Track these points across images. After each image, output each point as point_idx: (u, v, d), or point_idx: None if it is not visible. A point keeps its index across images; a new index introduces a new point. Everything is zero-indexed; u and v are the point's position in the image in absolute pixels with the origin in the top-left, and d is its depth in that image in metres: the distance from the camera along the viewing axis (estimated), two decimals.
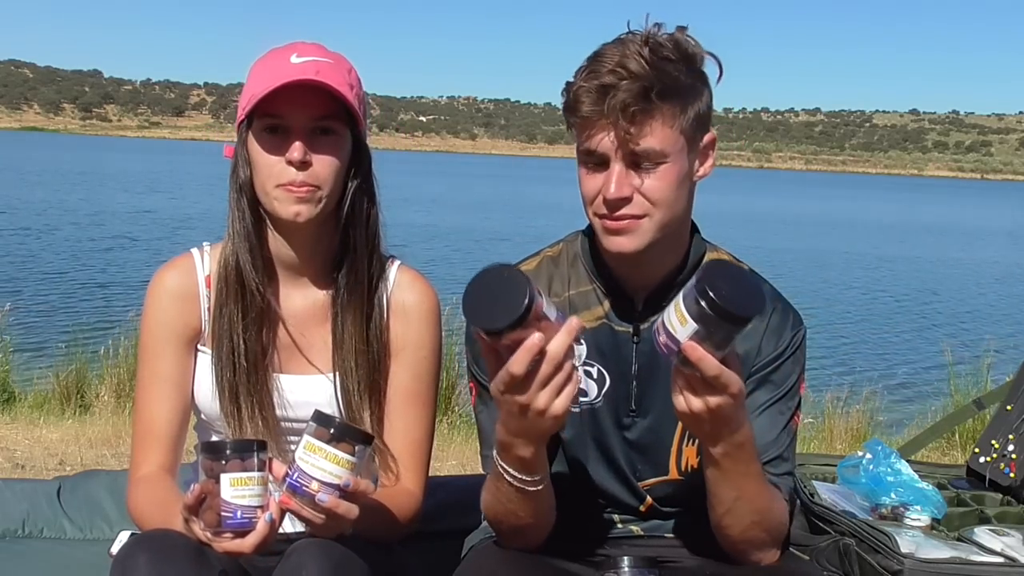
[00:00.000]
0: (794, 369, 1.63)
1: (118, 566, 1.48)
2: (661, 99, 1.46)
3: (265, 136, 1.66)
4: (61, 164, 49.98)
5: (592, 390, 1.65)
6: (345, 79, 1.67)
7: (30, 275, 13.63)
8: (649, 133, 1.48)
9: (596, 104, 1.47)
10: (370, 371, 1.74)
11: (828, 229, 32.41)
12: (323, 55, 1.68)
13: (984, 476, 2.57)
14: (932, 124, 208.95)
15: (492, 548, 1.65)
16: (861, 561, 2.04)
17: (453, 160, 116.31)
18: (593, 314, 1.65)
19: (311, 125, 1.65)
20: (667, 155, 1.50)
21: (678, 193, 1.54)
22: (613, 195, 1.50)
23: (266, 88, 1.61)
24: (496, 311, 1.31)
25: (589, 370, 1.65)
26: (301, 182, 1.64)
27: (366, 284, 1.75)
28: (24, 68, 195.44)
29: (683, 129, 1.51)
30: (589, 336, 1.63)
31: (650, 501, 1.68)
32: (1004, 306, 16.29)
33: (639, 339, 1.63)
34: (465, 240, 21.64)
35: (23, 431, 5.10)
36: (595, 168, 1.53)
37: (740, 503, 1.50)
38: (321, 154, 1.65)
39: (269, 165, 1.65)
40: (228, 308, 1.71)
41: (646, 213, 1.52)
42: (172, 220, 22.56)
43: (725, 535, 1.57)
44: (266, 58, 1.70)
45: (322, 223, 1.71)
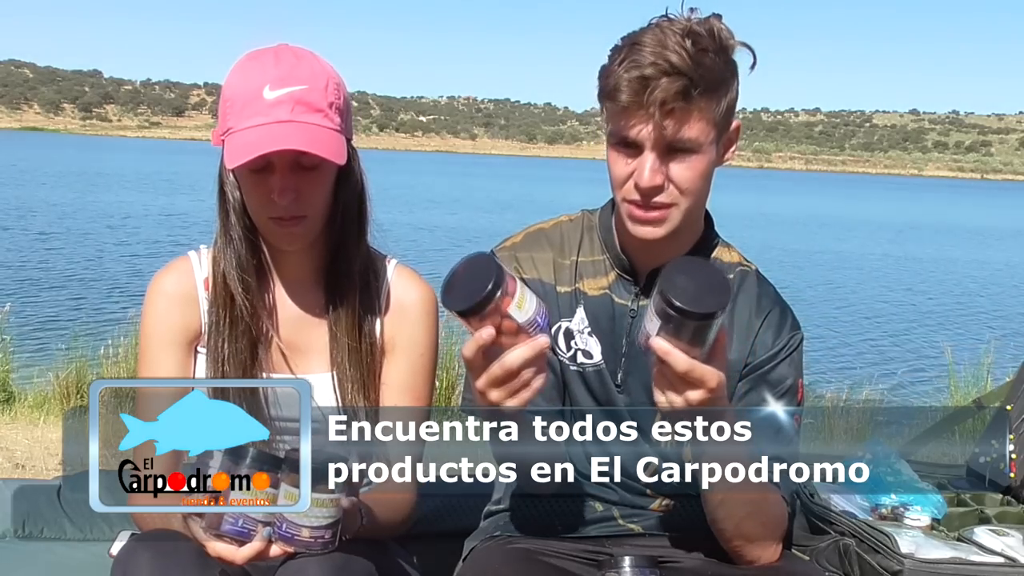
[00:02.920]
0: (790, 372, 1.64)
1: (119, 566, 1.48)
2: (700, 95, 1.48)
3: (247, 173, 1.62)
4: (61, 164, 49.98)
5: (596, 353, 1.67)
6: (323, 98, 1.61)
7: (30, 275, 13.63)
8: (686, 127, 1.50)
9: (636, 96, 1.48)
10: (365, 370, 1.74)
11: (828, 229, 32.40)
12: (298, 80, 1.60)
13: (984, 476, 2.57)
14: (932, 124, 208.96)
15: (493, 549, 1.65)
16: (861, 561, 2.04)
17: (454, 160, 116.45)
18: (598, 283, 1.68)
19: (294, 162, 1.61)
20: (700, 146, 1.53)
21: (705, 182, 1.58)
22: (647, 183, 1.52)
23: (242, 146, 1.57)
24: (458, 293, 1.35)
25: (590, 333, 1.67)
26: (291, 216, 1.63)
27: (361, 283, 1.75)
28: (24, 68, 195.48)
29: (716, 121, 1.54)
30: (590, 304, 1.67)
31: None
32: (1004, 306, 16.29)
33: (636, 314, 1.66)
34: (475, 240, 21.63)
35: (23, 431, 5.10)
36: (627, 153, 1.55)
37: (732, 495, 1.50)
38: (306, 186, 1.63)
39: (257, 199, 1.64)
40: (217, 314, 1.71)
41: (675, 202, 1.55)
42: (172, 220, 22.55)
43: (720, 529, 1.57)
44: (241, 80, 1.63)
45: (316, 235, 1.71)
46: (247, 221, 1.69)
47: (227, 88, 1.65)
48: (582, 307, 1.68)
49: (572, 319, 1.68)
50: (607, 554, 1.61)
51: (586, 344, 1.67)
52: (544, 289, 1.68)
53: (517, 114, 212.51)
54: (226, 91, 1.65)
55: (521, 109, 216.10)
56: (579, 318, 1.68)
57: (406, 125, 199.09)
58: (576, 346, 1.68)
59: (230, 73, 1.66)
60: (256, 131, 1.58)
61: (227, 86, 1.65)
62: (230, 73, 1.66)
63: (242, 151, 1.57)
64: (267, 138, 1.57)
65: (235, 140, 1.59)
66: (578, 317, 1.68)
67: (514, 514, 1.72)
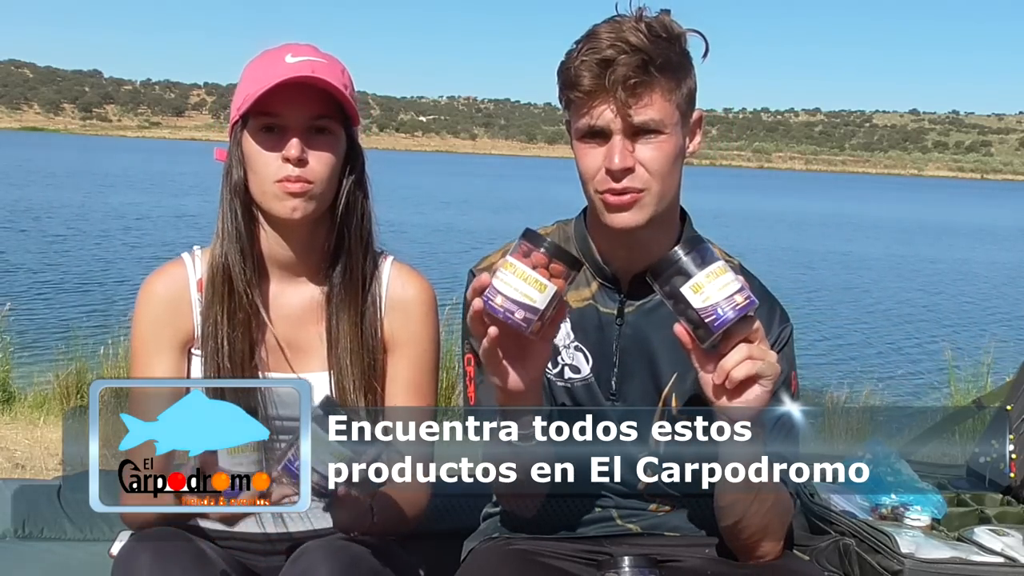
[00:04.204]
0: (783, 365, 1.64)
1: (120, 565, 1.48)
2: (660, 72, 1.52)
3: (262, 135, 1.66)
4: (61, 164, 49.99)
5: (584, 367, 1.67)
6: (340, 79, 1.68)
7: (30, 275, 13.63)
8: (649, 104, 1.53)
9: (598, 78, 1.51)
10: (365, 368, 1.74)
11: (828, 229, 32.41)
12: (317, 55, 1.69)
13: (984, 476, 2.57)
14: (932, 124, 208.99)
15: (493, 549, 1.65)
16: (861, 561, 2.05)
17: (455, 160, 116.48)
18: (580, 295, 1.68)
19: (307, 124, 1.66)
20: (665, 127, 1.55)
21: (673, 167, 1.59)
22: (617, 165, 1.53)
23: (262, 87, 1.62)
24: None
25: (577, 347, 1.67)
26: (297, 177, 1.65)
27: (360, 281, 1.75)
28: (24, 68, 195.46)
29: (678, 104, 1.56)
30: (575, 316, 1.67)
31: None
32: (1004, 306, 16.29)
33: (622, 321, 1.66)
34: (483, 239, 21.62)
35: (23, 431, 5.11)
36: (594, 143, 1.56)
37: (746, 496, 1.51)
38: (317, 151, 1.66)
39: (266, 163, 1.66)
40: (214, 309, 1.71)
41: (646, 187, 1.56)
42: (172, 220, 22.55)
43: (741, 527, 1.57)
44: (260, 59, 1.71)
45: (317, 221, 1.71)
46: (250, 209, 1.70)
47: (246, 72, 1.71)
48: (567, 321, 1.66)
49: (557, 335, 1.68)
50: (606, 554, 1.61)
51: (573, 359, 1.67)
52: None
53: (517, 114, 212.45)
54: (246, 72, 1.70)
55: (521, 109, 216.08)
56: (564, 333, 1.67)
57: (406, 125, 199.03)
58: (563, 361, 1.68)
59: (249, 63, 1.72)
60: (279, 83, 1.62)
61: (248, 68, 1.71)
62: (249, 63, 1.72)
63: (263, 87, 1.62)
64: (289, 78, 1.63)
65: (257, 98, 1.64)
66: (563, 332, 1.67)
67: (513, 515, 1.72)
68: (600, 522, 1.70)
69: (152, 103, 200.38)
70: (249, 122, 1.67)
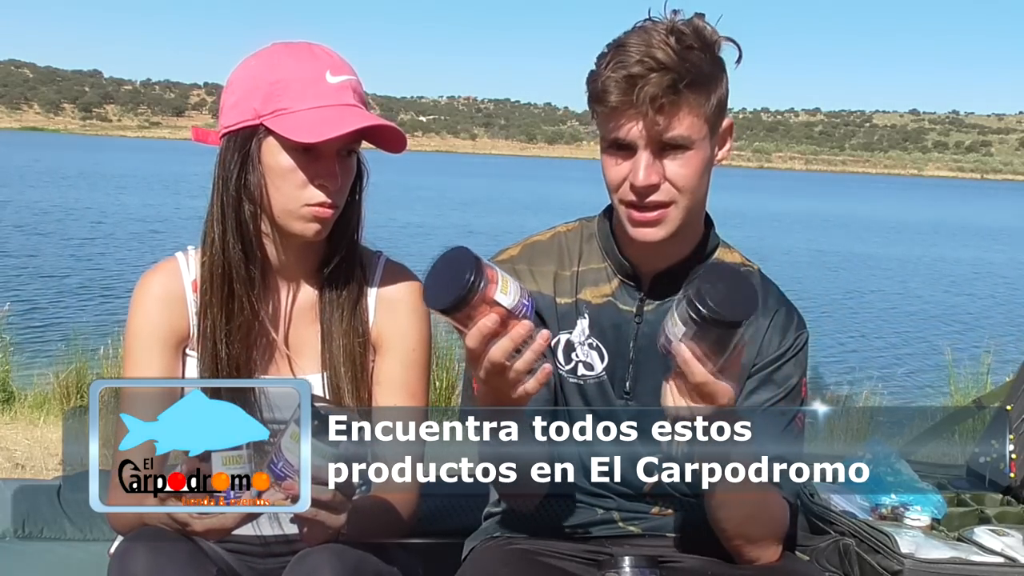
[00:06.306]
0: (795, 371, 1.64)
1: (116, 562, 1.48)
2: (688, 88, 1.49)
3: (297, 154, 1.62)
4: (61, 164, 49.96)
5: (597, 365, 1.66)
6: (363, 92, 1.67)
7: (30, 275, 13.62)
8: (677, 122, 1.51)
9: (625, 95, 1.49)
10: (357, 368, 1.73)
11: (827, 229, 32.40)
12: (349, 70, 1.66)
13: (984, 476, 2.57)
14: (932, 124, 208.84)
15: (493, 549, 1.65)
16: (861, 561, 2.04)
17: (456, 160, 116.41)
18: (600, 291, 1.68)
19: (342, 148, 1.64)
20: (693, 142, 1.53)
21: (701, 179, 1.57)
22: (642, 182, 1.52)
23: (309, 107, 1.59)
24: (440, 290, 1.33)
25: (592, 345, 1.66)
26: (330, 204, 1.64)
27: (353, 281, 1.75)
28: (24, 68, 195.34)
29: (707, 117, 1.54)
30: (594, 312, 1.66)
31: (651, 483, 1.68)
32: (1004, 306, 16.28)
33: (641, 320, 1.65)
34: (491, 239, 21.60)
35: (23, 431, 5.10)
36: (621, 155, 1.55)
37: (732, 496, 1.50)
38: (345, 174, 1.66)
39: (299, 184, 1.63)
40: (212, 313, 1.68)
41: (672, 200, 1.55)
42: (172, 220, 22.54)
43: (721, 529, 1.57)
44: (295, 64, 1.64)
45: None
46: (262, 208, 1.66)
47: (273, 71, 1.63)
48: (585, 317, 1.66)
49: (573, 331, 1.67)
50: (607, 554, 1.61)
51: (587, 356, 1.66)
52: (543, 301, 1.67)
53: (517, 114, 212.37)
54: (272, 74, 1.63)
55: (521, 109, 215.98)
56: (580, 329, 1.67)
57: (406, 125, 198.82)
58: (577, 358, 1.67)
59: (267, 60, 1.66)
60: (328, 111, 1.60)
61: (273, 69, 1.63)
62: (267, 60, 1.66)
63: (320, 128, 1.58)
64: (348, 116, 1.60)
65: (298, 119, 1.60)
66: (579, 328, 1.67)
67: (514, 515, 1.72)
68: (601, 524, 1.70)
69: (152, 103, 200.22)
70: (278, 135, 1.62)
